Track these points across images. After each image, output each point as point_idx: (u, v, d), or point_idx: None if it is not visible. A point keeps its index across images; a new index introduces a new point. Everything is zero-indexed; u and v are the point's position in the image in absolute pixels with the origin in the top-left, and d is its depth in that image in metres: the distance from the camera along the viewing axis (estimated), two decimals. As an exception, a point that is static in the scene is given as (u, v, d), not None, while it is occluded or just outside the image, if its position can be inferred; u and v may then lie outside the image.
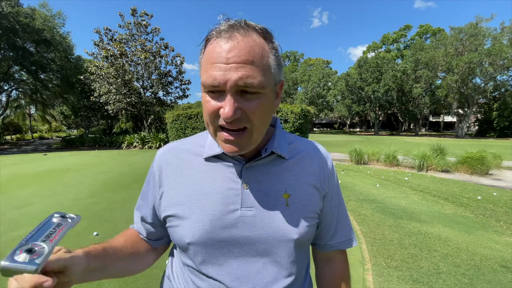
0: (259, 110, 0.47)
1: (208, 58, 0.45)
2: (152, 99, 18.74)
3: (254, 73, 0.44)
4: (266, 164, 0.57)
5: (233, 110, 0.44)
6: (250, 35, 0.45)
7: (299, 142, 0.64)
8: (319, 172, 0.60)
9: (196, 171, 0.58)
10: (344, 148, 12.12)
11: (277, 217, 0.54)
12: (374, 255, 2.55)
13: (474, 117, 36.12)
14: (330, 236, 0.64)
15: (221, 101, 0.45)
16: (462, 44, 29.51)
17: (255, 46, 0.44)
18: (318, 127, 71.03)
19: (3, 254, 2.53)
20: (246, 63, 0.43)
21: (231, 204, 0.54)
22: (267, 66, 0.46)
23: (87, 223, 3.33)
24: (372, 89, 36.55)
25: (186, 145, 0.63)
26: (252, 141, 0.50)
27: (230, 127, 0.46)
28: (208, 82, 0.44)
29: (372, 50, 51.59)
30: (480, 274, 2.24)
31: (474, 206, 4.27)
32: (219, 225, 0.53)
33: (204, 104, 0.48)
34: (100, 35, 16.74)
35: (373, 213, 3.83)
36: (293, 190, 0.56)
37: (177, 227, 0.56)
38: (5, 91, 23.35)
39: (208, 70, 0.44)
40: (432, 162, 7.63)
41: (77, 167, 8.21)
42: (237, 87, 0.44)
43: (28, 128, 38.92)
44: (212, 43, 0.45)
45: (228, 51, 0.43)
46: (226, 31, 0.44)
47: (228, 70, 0.42)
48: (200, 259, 0.54)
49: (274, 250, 0.54)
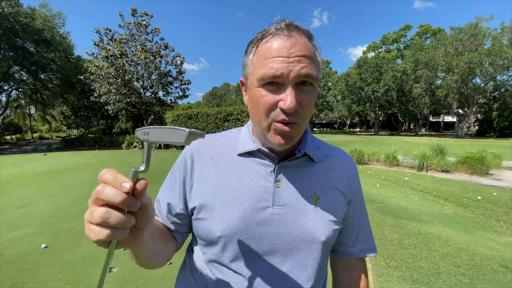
0: (311, 103, 0.50)
1: (266, 53, 0.48)
2: (152, 99, 18.73)
3: (312, 67, 0.48)
4: (298, 165, 0.59)
5: (295, 102, 0.47)
6: (303, 35, 0.50)
7: (327, 148, 0.66)
8: (346, 178, 0.62)
9: (229, 165, 0.58)
10: (344, 148, 12.11)
11: (307, 217, 0.55)
12: (374, 255, 2.55)
13: (474, 117, 36.13)
14: (351, 243, 0.64)
15: (279, 94, 0.48)
16: (462, 44, 29.51)
17: (309, 44, 0.50)
18: (318, 127, 71.02)
19: (3, 254, 2.53)
20: (305, 57, 0.47)
21: (263, 201, 0.55)
22: (318, 63, 0.51)
23: (87, 223, 3.33)
24: (372, 89, 36.54)
25: (219, 138, 0.64)
26: (299, 134, 0.52)
27: (288, 119, 0.48)
28: (269, 73, 0.47)
29: (372, 50, 51.60)
30: (480, 274, 2.24)
31: (474, 206, 4.27)
32: (250, 220, 0.53)
33: (260, 98, 0.49)
34: (100, 35, 16.74)
35: (373, 213, 3.83)
36: (321, 193, 0.58)
37: (206, 220, 0.55)
38: (5, 91, 23.36)
39: (268, 64, 0.47)
40: (432, 162, 7.63)
41: (77, 167, 8.21)
42: (299, 78, 0.47)
43: (28, 128, 38.92)
44: (270, 40, 0.49)
45: (290, 47, 0.47)
46: (284, 29, 0.48)
47: (291, 63, 0.46)
48: (229, 254, 0.54)
49: (301, 251, 0.54)
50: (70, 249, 2.63)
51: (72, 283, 2.07)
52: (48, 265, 2.34)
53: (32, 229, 3.16)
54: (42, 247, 2.66)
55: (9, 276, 2.17)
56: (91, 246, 2.70)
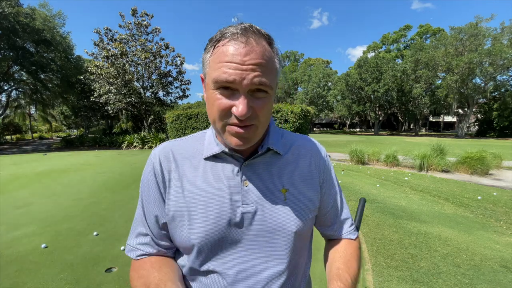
0: (266, 108, 0.51)
1: (221, 57, 0.47)
2: (152, 99, 18.74)
3: (266, 76, 0.48)
4: (264, 161, 0.59)
5: (247, 108, 0.47)
6: (261, 41, 0.48)
7: (291, 136, 0.66)
8: (313, 162, 0.63)
9: (196, 171, 0.58)
10: (344, 148, 12.13)
11: (277, 211, 0.56)
12: (374, 255, 2.55)
13: (474, 117, 36.12)
14: (332, 224, 0.67)
15: (233, 99, 0.48)
16: (462, 44, 29.48)
17: (266, 51, 0.49)
18: (318, 127, 71.00)
19: (3, 254, 2.53)
20: (260, 66, 0.47)
21: (233, 202, 0.55)
22: (275, 71, 0.51)
23: (87, 223, 3.33)
24: (372, 89, 36.55)
25: (183, 144, 0.63)
26: (256, 135, 0.53)
27: (241, 124, 0.49)
28: (222, 78, 0.46)
29: (372, 50, 51.63)
30: (480, 274, 2.24)
31: (474, 206, 4.27)
32: (222, 223, 0.54)
33: (215, 101, 0.49)
34: (100, 35, 16.74)
35: (373, 213, 3.82)
36: (290, 185, 0.59)
37: (180, 228, 0.56)
38: (5, 91, 23.35)
39: (222, 68, 0.47)
40: (432, 162, 7.63)
41: (77, 167, 8.21)
42: (253, 86, 0.47)
43: (28, 128, 38.93)
44: (226, 44, 0.47)
45: (245, 54, 0.46)
46: (241, 34, 0.47)
47: (245, 71, 0.46)
48: (203, 257, 0.55)
49: (274, 243, 0.56)
50: (70, 249, 2.63)
51: (72, 283, 2.07)
52: (48, 265, 2.34)
53: (32, 229, 3.15)
54: (42, 247, 2.65)
55: (9, 276, 2.17)
56: (91, 246, 2.70)
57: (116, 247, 2.65)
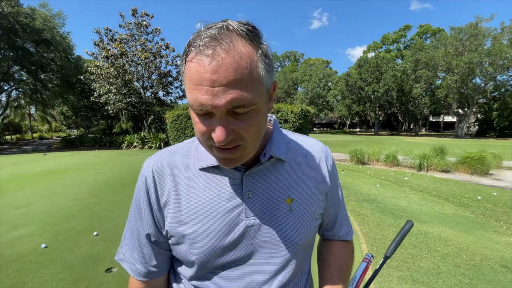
0: (252, 127, 0.43)
1: (190, 76, 0.40)
2: (152, 99, 18.75)
3: (243, 93, 0.39)
4: (266, 169, 0.55)
5: (225, 134, 0.40)
6: (234, 47, 0.38)
7: (297, 141, 0.62)
8: (320, 170, 0.60)
9: (193, 183, 0.54)
10: (344, 148, 12.12)
11: (282, 223, 0.54)
12: (374, 255, 2.55)
13: (474, 117, 36.12)
14: (332, 228, 0.67)
15: (211, 123, 0.42)
16: (462, 44, 29.49)
17: (242, 60, 0.38)
18: (318, 127, 70.99)
19: (3, 254, 2.53)
20: (234, 83, 0.38)
21: (235, 216, 0.52)
22: (258, 79, 0.41)
23: (87, 223, 3.33)
24: (372, 89, 36.55)
25: (178, 154, 0.58)
26: (246, 154, 0.47)
27: (223, 147, 0.43)
28: (195, 104, 0.40)
29: (372, 50, 51.64)
30: (480, 274, 2.24)
31: (474, 206, 4.27)
32: (224, 239, 0.51)
33: (195, 124, 0.44)
34: (100, 35, 16.75)
35: (373, 213, 3.82)
36: (295, 194, 0.55)
37: (180, 245, 0.53)
38: (5, 91, 23.37)
39: (193, 92, 0.40)
40: (432, 162, 7.63)
41: (77, 167, 8.21)
42: (228, 107, 0.39)
43: (28, 128, 38.95)
44: (193, 60, 0.39)
45: (212, 72, 0.37)
46: (207, 46, 0.38)
47: (216, 95, 0.38)
48: (206, 271, 0.53)
49: (278, 255, 0.54)
50: (70, 249, 2.63)
51: (72, 283, 2.07)
52: (48, 265, 2.34)
53: (32, 229, 3.15)
54: (42, 247, 2.66)
55: (9, 276, 2.17)
56: (91, 246, 2.70)
57: (116, 247, 2.63)
